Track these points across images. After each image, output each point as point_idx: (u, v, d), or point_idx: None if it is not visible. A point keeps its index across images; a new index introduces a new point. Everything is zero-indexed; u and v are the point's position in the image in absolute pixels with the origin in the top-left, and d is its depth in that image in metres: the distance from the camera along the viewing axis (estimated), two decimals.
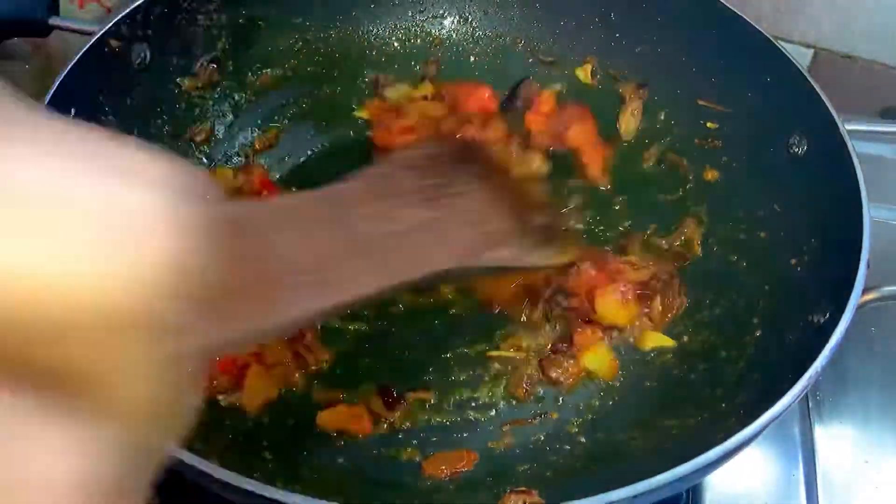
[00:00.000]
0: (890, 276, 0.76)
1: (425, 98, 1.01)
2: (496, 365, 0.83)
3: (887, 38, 1.08)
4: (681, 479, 0.58)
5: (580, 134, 0.97)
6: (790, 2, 1.09)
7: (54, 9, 0.83)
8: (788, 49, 0.87)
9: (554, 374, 0.81)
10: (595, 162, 0.96)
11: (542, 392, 0.81)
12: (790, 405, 0.63)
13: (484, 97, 1.00)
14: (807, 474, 0.82)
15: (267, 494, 0.58)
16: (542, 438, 0.78)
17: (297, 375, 0.80)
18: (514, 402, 0.81)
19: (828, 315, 0.69)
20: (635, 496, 0.56)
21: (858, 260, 0.70)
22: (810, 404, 0.87)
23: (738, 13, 0.90)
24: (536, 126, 0.98)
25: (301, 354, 0.80)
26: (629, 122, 0.99)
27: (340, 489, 0.72)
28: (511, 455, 0.77)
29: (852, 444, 0.85)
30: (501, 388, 0.82)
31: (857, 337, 0.91)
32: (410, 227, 0.56)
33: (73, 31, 0.84)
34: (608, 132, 0.99)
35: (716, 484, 0.80)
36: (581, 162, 0.97)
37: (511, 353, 0.83)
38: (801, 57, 1.11)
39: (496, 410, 0.80)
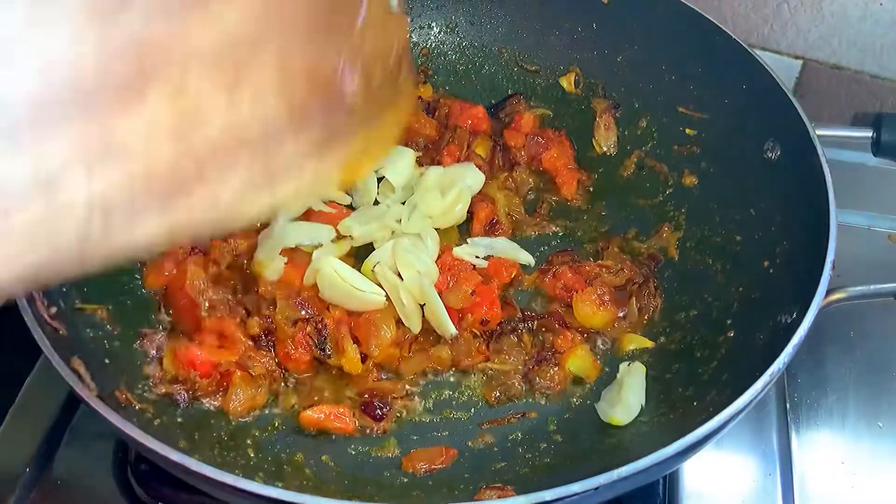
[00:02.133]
0: (858, 277, 0.78)
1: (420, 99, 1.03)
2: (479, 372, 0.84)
3: (874, 49, 1.10)
4: (643, 472, 0.60)
5: (556, 159, 0.99)
6: (779, 13, 1.11)
7: None
8: (777, 60, 0.89)
9: (540, 384, 0.82)
10: (569, 184, 0.99)
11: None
12: (752, 401, 0.64)
13: (478, 115, 1.02)
14: (783, 476, 0.83)
15: (248, 489, 0.60)
16: (520, 437, 0.80)
17: (281, 384, 0.81)
18: (494, 403, 0.82)
19: (794, 315, 0.71)
20: (596, 488, 0.58)
21: (824, 261, 0.72)
22: (788, 406, 0.88)
23: (717, 23, 0.93)
24: (514, 142, 1.00)
25: (284, 364, 0.82)
26: (606, 136, 1.01)
27: (320, 484, 0.74)
28: (489, 453, 0.78)
29: (829, 446, 0.87)
30: (481, 390, 0.83)
31: (834, 340, 0.93)
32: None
33: None
34: (586, 152, 1.02)
35: (693, 484, 0.81)
36: (555, 183, 0.99)
37: (498, 365, 0.84)
38: (789, 67, 1.13)
39: (475, 409, 0.82)
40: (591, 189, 1.00)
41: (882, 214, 1.03)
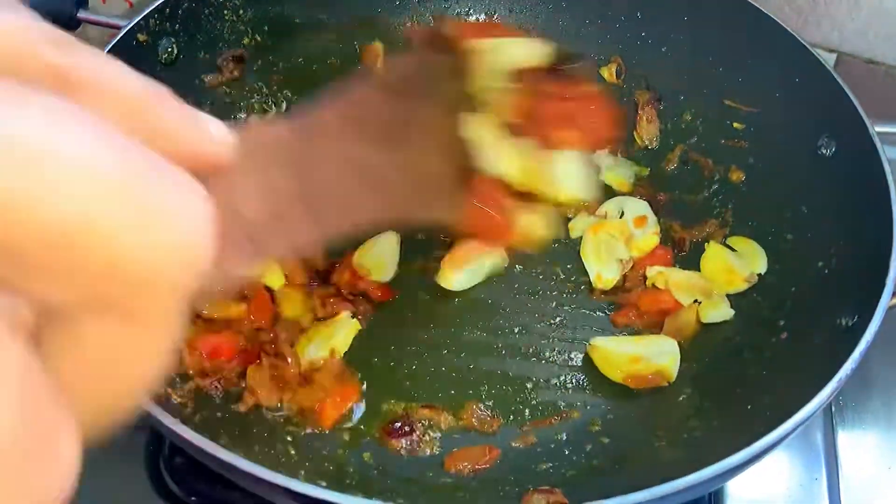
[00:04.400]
0: None
1: None
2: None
3: None
4: (703, 483, 0.58)
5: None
6: (813, 6, 1.08)
7: (83, 2, 0.83)
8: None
9: None
10: None
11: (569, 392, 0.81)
12: (816, 411, 0.62)
13: None
14: (829, 480, 0.81)
15: (291, 487, 0.58)
16: (565, 438, 0.77)
17: None
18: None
19: (855, 319, 0.69)
20: (658, 499, 0.56)
21: (888, 264, 0.69)
22: (833, 409, 0.86)
23: (767, 13, 0.90)
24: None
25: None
26: (648, 129, 0.99)
27: (363, 484, 0.72)
28: (533, 453, 0.76)
29: (876, 450, 0.84)
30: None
31: (881, 341, 0.90)
32: (363, 169, 0.52)
33: (102, 24, 0.84)
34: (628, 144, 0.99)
35: (737, 488, 0.79)
36: None
37: None
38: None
39: (517, 409, 0.80)
40: (633, 183, 0.97)
41: None
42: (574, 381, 0.82)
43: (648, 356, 0.80)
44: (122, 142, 0.28)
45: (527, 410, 0.79)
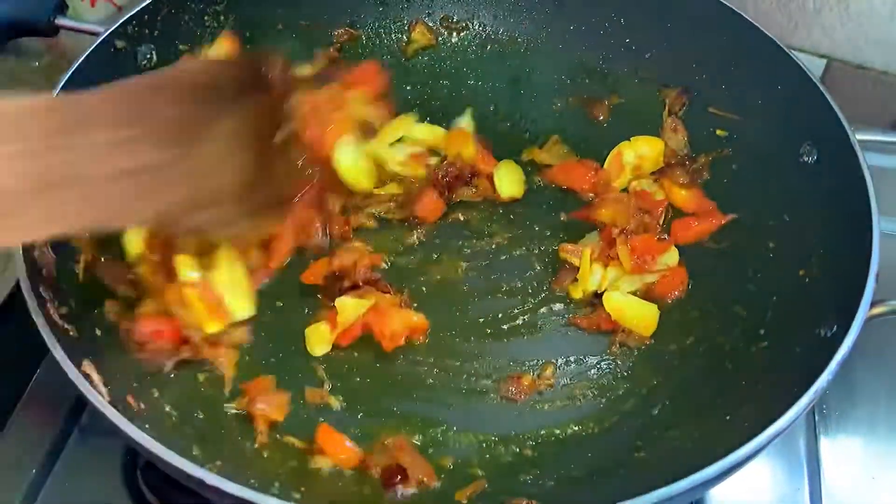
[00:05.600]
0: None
1: None
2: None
3: None
4: (684, 493, 0.58)
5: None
6: (803, 12, 1.08)
7: (62, 9, 0.83)
8: (801, 59, 0.86)
9: None
10: None
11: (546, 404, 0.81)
12: (795, 420, 0.62)
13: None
14: (811, 489, 0.81)
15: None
16: (546, 449, 0.77)
17: None
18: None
19: (835, 328, 0.68)
20: None
21: (867, 273, 0.69)
22: (816, 417, 0.85)
23: (752, 21, 0.90)
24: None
25: None
26: (674, 139, 0.97)
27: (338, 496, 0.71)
28: (514, 465, 0.76)
29: (859, 459, 0.84)
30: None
31: (865, 350, 0.89)
32: (136, 169, 0.52)
33: (79, 31, 0.84)
34: None
35: (719, 498, 0.79)
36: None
37: None
38: (813, 67, 1.09)
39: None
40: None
41: None
42: (555, 391, 0.81)
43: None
44: None
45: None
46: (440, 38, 1.05)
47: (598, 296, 0.86)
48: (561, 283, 0.89)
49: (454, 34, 1.05)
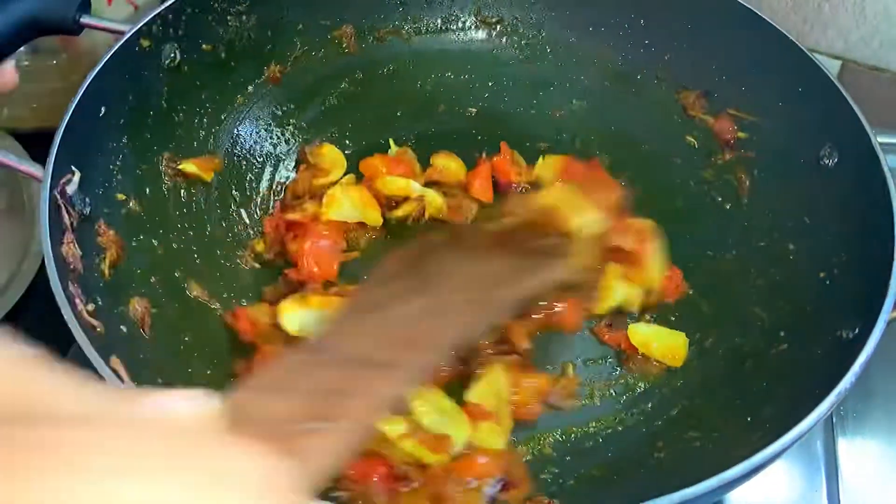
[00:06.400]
0: None
1: None
2: None
3: None
4: (703, 496, 0.58)
5: None
6: (818, 12, 1.08)
7: (86, 7, 0.83)
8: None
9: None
10: None
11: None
12: (816, 423, 0.62)
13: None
14: (829, 490, 0.81)
15: None
16: (566, 447, 0.77)
17: None
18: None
19: (856, 331, 0.69)
20: None
21: (889, 275, 0.69)
22: (834, 419, 0.85)
23: (771, 22, 0.90)
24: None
25: None
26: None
27: None
28: (534, 463, 0.76)
29: (877, 461, 0.84)
30: None
31: (883, 352, 0.90)
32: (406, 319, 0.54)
33: (104, 29, 0.84)
34: None
35: (737, 499, 0.79)
36: None
37: None
38: (828, 68, 1.10)
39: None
40: None
41: None
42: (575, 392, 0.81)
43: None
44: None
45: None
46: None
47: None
48: None
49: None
